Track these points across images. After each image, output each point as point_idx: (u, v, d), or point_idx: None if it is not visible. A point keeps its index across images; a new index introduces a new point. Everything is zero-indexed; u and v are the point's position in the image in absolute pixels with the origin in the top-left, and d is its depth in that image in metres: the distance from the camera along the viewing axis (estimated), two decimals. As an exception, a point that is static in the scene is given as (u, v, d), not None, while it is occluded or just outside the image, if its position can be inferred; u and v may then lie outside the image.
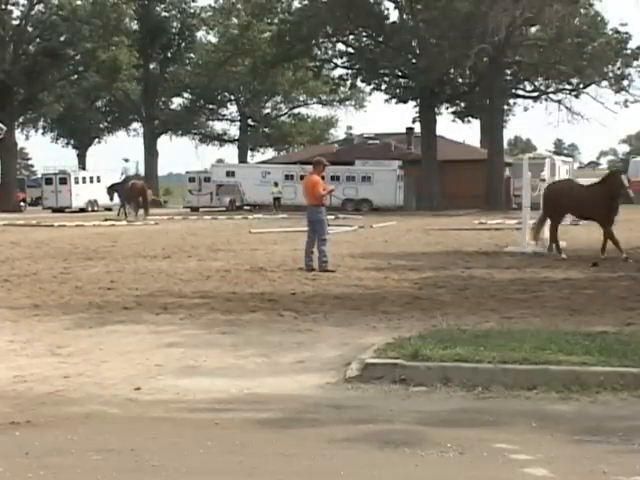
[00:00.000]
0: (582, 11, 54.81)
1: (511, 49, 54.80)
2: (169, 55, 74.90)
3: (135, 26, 71.57)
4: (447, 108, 63.61)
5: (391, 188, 54.16)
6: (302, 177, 47.73)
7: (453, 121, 66.93)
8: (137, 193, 42.03)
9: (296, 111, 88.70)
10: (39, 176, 71.29)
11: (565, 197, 18.96)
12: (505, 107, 62.45)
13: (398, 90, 60.36)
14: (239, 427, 6.42)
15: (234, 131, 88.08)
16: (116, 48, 61.77)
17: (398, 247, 22.72)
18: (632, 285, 13.97)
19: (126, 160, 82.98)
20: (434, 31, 53.86)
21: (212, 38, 79.14)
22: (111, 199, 48.88)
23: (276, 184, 53.60)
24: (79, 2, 63.32)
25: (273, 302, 12.32)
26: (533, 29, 56.63)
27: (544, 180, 21.60)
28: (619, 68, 56.03)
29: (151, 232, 30.86)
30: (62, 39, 63.23)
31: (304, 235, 17.63)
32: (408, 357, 7.74)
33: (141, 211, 41.07)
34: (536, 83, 60.84)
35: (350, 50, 59.82)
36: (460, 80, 60.44)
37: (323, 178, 18.25)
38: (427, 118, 57.25)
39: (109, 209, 52.31)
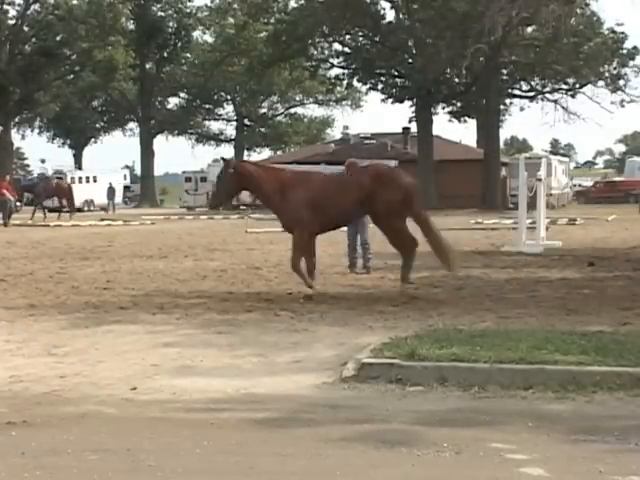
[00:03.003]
0: (578, 11, 54.79)
1: (507, 49, 54.81)
2: (165, 55, 74.86)
3: (131, 26, 71.55)
4: (443, 108, 63.65)
5: (387, 188, 54.04)
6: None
7: (449, 121, 67.00)
8: (61, 193, 41.79)
9: (292, 111, 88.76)
10: (35, 176, 71.23)
11: None
12: (501, 107, 62.43)
13: (394, 90, 60.34)
14: (235, 427, 6.41)
15: (230, 131, 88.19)
16: (112, 48, 61.81)
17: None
18: (628, 285, 13.97)
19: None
20: (430, 31, 53.85)
21: (208, 38, 79.27)
22: (20, 200, 48.38)
23: None
24: (75, 2, 63.33)
25: (269, 302, 12.31)
26: (529, 29, 56.62)
27: (540, 180, 21.58)
28: (615, 68, 56.10)
29: (147, 232, 30.86)
30: (58, 39, 63.23)
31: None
32: (404, 357, 7.72)
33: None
34: (532, 83, 60.86)
35: (346, 50, 59.79)
36: (456, 80, 60.38)
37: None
38: (423, 118, 57.24)
39: (104, 209, 52.31)
